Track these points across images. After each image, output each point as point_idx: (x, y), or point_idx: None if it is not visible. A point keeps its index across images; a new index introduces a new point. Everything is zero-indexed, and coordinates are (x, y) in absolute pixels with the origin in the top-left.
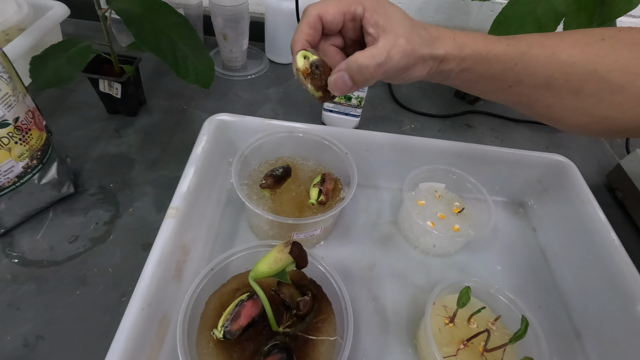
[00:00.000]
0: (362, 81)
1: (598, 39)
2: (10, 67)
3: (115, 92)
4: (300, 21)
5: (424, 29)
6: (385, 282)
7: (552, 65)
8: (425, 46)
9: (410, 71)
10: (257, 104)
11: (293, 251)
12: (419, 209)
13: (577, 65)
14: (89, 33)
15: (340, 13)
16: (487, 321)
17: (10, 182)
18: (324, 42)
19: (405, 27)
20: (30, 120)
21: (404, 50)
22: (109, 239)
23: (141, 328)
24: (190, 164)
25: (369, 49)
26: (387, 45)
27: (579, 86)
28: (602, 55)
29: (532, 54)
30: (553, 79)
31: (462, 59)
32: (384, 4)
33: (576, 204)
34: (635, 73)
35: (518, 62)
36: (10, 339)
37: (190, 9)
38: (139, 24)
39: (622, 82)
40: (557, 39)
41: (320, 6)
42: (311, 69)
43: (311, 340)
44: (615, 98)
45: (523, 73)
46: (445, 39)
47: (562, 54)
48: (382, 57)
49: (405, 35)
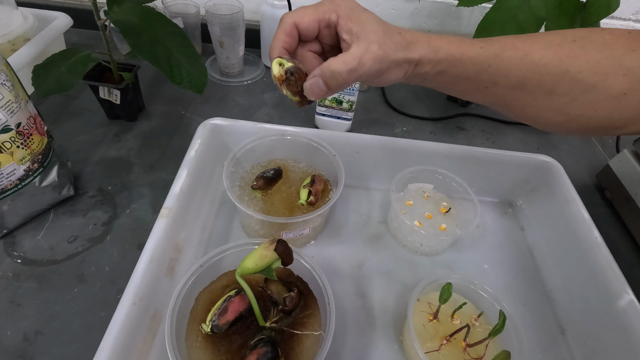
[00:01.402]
0: (336, 86)
1: (569, 40)
2: (13, 76)
3: (114, 98)
4: (277, 29)
5: (398, 34)
6: (374, 280)
7: (525, 66)
8: (399, 51)
9: (384, 75)
10: (253, 109)
11: (278, 248)
12: (406, 209)
13: (549, 66)
14: (91, 42)
15: (315, 20)
16: (470, 317)
17: (12, 184)
18: (302, 48)
19: (379, 33)
20: (32, 126)
21: (376, 56)
22: (107, 239)
23: (132, 322)
24: (183, 166)
25: (341, 56)
26: (360, 52)
27: (552, 86)
28: (573, 56)
29: (505, 55)
30: (526, 79)
31: (437, 62)
32: (358, 11)
33: (561, 203)
34: (606, 73)
35: (492, 64)
36: (10, 334)
37: (188, 18)
38: (136, 34)
39: (593, 81)
40: (530, 40)
41: (296, 14)
42: (286, 75)
43: (296, 334)
44: (588, 97)
45: (497, 74)
46: (419, 43)
47: (534, 55)
48: (354, 63)
49: (378, 41)
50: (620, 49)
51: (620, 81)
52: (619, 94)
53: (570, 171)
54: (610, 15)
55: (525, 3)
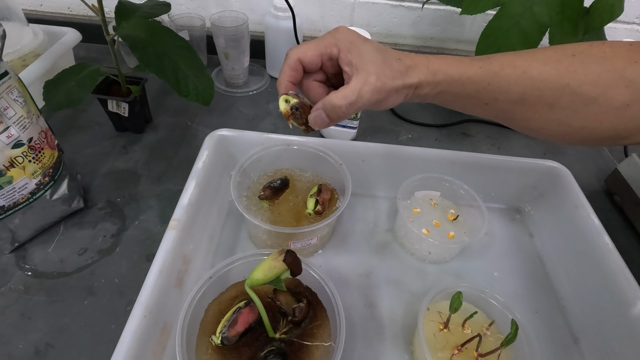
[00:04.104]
0: (337, 118)
1: (569, 55)
2: (25, 92)
3: (122, 111)
4: (283, 64)
5: (397, 60)
6: (382, 289)
7: (524, 82)
8: (398, 78)
9: (384, 102)
10: (258, 119)
11: (287, 259)
12: (414, 216)
13: (548, 81)
14: (99, 56)
15: (318, 55)
16: (481, 326)
17: (24, 198)
18: (307, 79)
19: (377, 63)
20: (43, 140)
21: (374, 87)
22: (116, 250)
23: (143, 335)
24: (191, 177)
25: (342, 90)
26: (358, 85)
27: (553, 100)
28: (572, 70)
29: (504, 73)
30: (526, 94)
31: (437, 84)
32: (357, 44)
33: (570, 209)
34: (607, 85)
35: (491, 82)
36: (22, 347)
37: (194, 31)
38: (143, 49)
39: (594, 94)
40: (529, 57)
41: (299, 50)
42: (292, 111)
43: (306, 345)
44: (590, 109)
45: (497, 91)
46: (419, 67)
47: (533, 72)
48: (353, 97)
49: (376, 73)
50: (621, 61)
51: (622, 93)
52: (622, 105)
53: (578, 176)
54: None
55: (528, 10)
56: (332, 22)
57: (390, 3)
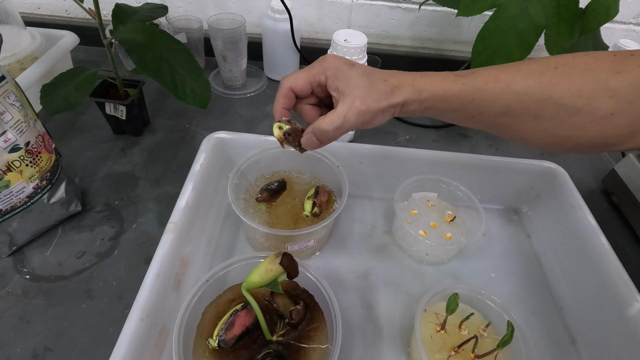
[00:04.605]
0: (327, 140)
1: (552, 67)
2: (22, 96)
3: (120, 114)
4: (277, 92)
5: (383, 82)
6: (380, 291)
7: (508, 95)
8: (383, 99)
9: (371, 122)
10: (256, 121)
11: (283, 262)
12: (411, 218)
13: (532, 94)
14: (98, 59)
15: (308, 83)
16: (478, 327)
17: (21, 202)
18: (301, 103)
19: (362, 88)
20: (40, 144)
21: (358, 111)
22: (114, 254)
23: (140, 338)
24: (188, 180)
25: (329, 115)
26: (344, 111)
27: (537, 111)
28: (555, 82)
29: (487, 88)
30: (511, 107)
31: (422, 101)
32: (344, 70)
33: (567, 209)
34: (590, 96)
35: (475, 97)
36: (20, 351)
37: (191, 33)
38: (140, 52)
39: (578, 105)
40: (513, 71)
41: (290, 79)
42: (284, 136)
43: (303, 348)
44: (575, 119)
45: (481, 105)
46: (404, 86)
47: (516, 85)
48: (339, 122)
49: (361, 97)
50: (605, 72)
51: (606, 103)
52: (607, 114)
53: (576, 176)
54: (612, 20)
55: (524, 12)
56: (329, 24)
57: (388, 4)
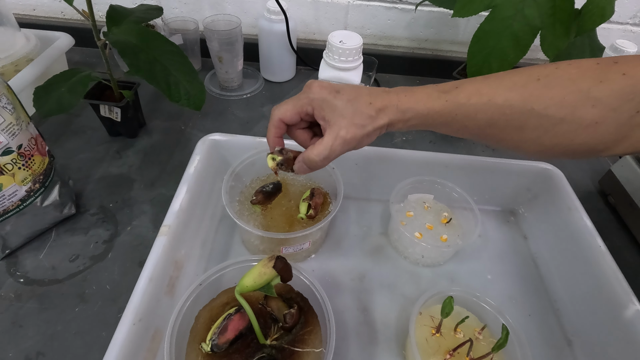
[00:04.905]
0: (316, 168)
1: (534, 79)
2: (14, 98)
3: (115, 116)
4: (269, 123)
5: (368, 106)
6: (375, 293)
7: (491, 109)
8: (368, 124)
9: (358, 146)
10: (252, 122)
11: (277, 265)
12: (407, 220)
13: (514, 107)
14: (93, 60)
15: (296, 114)
16: (473, 330)
17: (14, 205)
18: (292, 128)
19: (347, 116)
20: (33, 147)
21: (344, 140)
22: (108, 257)
23: (133, 342)
24: (183, 183)
25: (316, 146)
26: (330, 142)
27: (521, 123)
28: (537, 94)
29: (470, 104)
30: (494, 120)
31: (407, 120)
32: (329, 100)
33: (564, 211)
34: (573, 106)
35: (458, 113)
36: (12, 356)
37: (187, 34)
38: (134, 54)
39: (561, 115)
40: (495, 84)
41: (280, 111)
42: (278, 166)
43: (297, 352)
44: (559, 129)
45: (465, 120)
46: (389, 107)
47: (498, 99)
48: (325, 152)
49: (346, 126)
50: (587, 81)
51: (590, 112)
52: (591, 123)
53: (572, 177)
54: (608, 20)
55: (520, 12)
56: (326, 25)
57: (384, 5)
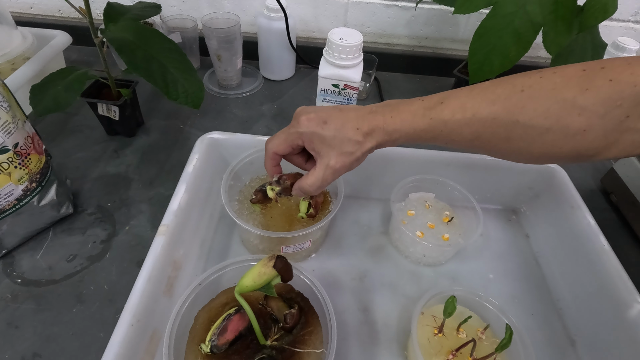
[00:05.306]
0: (311, 195)
1: (518, 90)
2: (10, 96)
3: (113, 114)
4: (265, 156)
5: (355, 131)
6: (376, 293)
7: (475, 124)
8: (357, 150)
9: (349, 169)
10: (251, 121)
11: (277, 265)
12: (408, 219)
13: (499, 119)
14: (91, 59)
15: (288, 147)
16: (476, 330)
17: (10, 204)
18: (288, 157)
19: (336, 146)
20: (30, 145)
21: (334, 170)
22: (106, 257)
23: (131, 343)
24: (181, 182)
25: (309, 176)
26: (321, 172)
27: (507, 134)
28: (521, 106)
29: (454, 120)
30: (479, 133)
31: (394, 140)
32: (317, 132)
33: (566, 209)
34: (558, 116)
35: (443, 129)
36: (8, 357)
37: (186, 32)
38: (131, 52)
39: (547, 125)
40: (479, 97)
41: (273, 145)
42: (277, 195)
43: (298, 352)
44: (546, 138)
45: (451, 134)
46: (376, 131)
47: (482, 113)
48: (318, 182)
49: (335, 156)
50: (572, 90)
51: (576, 120)
52: (579, 131)
53: (574, 175)
54: (610, 17)
55: (522, 9)
56: (325, 23)
57: (384, 3)
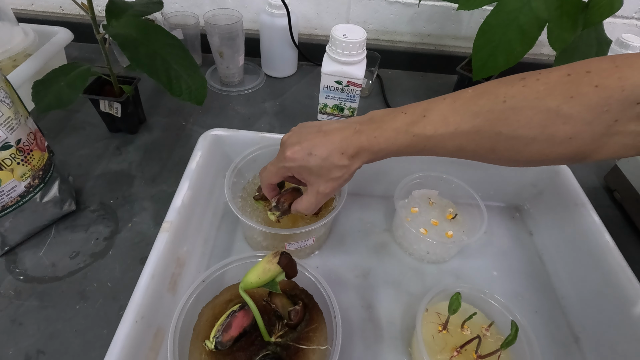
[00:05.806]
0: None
1: (500, 101)
2: (13, 92)
3: (115, 111)
4: (262, 186)
5: (341, 156)
6: (380, 290)
7: (458, 137)
8: (345, 173)
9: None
10: (253, 118)
11: (281, 261)
12: (411, 216)
13: (482, 132)
14: (92, 56)
15: (280, 178)
16: (481, 327)
17: (13, 201)
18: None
19: (323, 175)
20: (32, 142)
21: (324, 194)
22: (109, 254)
23: (135, 341)
24: (184, 179)
25: (303, 201)
26: (312, 198)
27: (491, 146)
28: (504, 118)
29: (437, 134)
30: (463, 146)
31: (381, 157)
32: (304, 163)
33: (570, 206)
34: (542, 125)
35: (427, 144)
36: (12, 354)
37: (188, 29)
38: (134, 48)
39: (532, 135)
40: (462, 109)
41: (267, 178)
42: (278, 217)
43: (302, 349)
44: (532, 148)
45: (435, 148)
46: (362, 153)
47: (465, 126)
48: (311, 206)
49: (324, 183)
50: (556, 99)
51: (561, 129)
52: (565, 139)
53: (578, 173)
54: (614, 14)
55: (527, 5)
56: (328, 20)
57: (387, 0)
